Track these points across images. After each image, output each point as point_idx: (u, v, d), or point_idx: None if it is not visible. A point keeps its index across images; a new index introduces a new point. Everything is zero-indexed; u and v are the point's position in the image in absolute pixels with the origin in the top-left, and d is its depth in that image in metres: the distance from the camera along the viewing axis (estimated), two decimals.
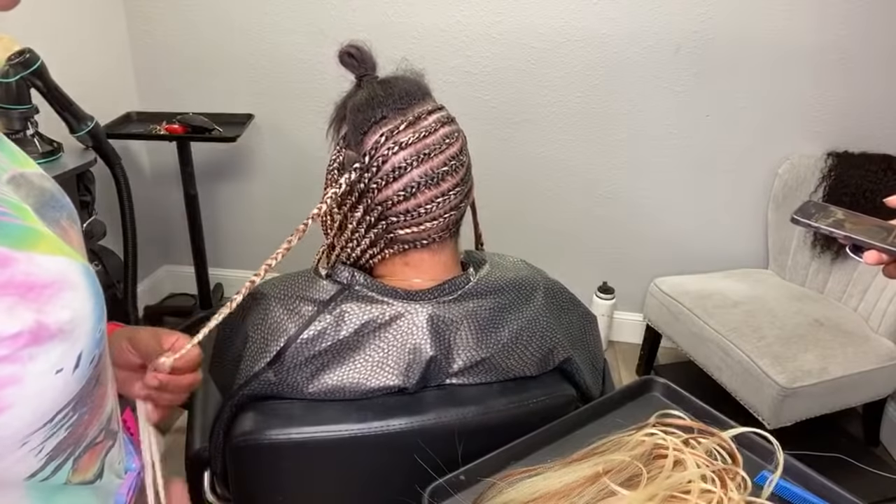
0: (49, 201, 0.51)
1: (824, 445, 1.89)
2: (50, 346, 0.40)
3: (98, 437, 0.51)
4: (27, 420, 0.41)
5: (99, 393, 0.49)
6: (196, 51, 2.27)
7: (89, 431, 0.49)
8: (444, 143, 0.72)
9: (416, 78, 0.77)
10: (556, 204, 2.30)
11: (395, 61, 0.79)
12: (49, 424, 0.43)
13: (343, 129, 0.77)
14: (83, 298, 0.43)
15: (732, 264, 2.22)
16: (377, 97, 0.73)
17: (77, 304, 0.42)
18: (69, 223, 0.52)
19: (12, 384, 0.38)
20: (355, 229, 0.76)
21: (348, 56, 0.76)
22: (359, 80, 0.77)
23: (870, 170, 1.95)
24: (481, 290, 0.77)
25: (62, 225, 0.51)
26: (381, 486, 0.75)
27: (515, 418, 0.74)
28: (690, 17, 1.99)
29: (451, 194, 0.73)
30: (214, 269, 2.49)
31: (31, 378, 0.39)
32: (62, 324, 0.41)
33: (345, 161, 0.75)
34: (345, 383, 0.71)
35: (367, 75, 0.77)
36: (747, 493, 0.58)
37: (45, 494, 0.48)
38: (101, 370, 0.48)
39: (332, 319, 0.72)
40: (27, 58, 1.54)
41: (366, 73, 0.77)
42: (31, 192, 0.49)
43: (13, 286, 0.38)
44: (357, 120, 0.73)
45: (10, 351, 0.38)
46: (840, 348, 1.74)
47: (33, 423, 0.41)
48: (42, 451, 0.44)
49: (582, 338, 0.86)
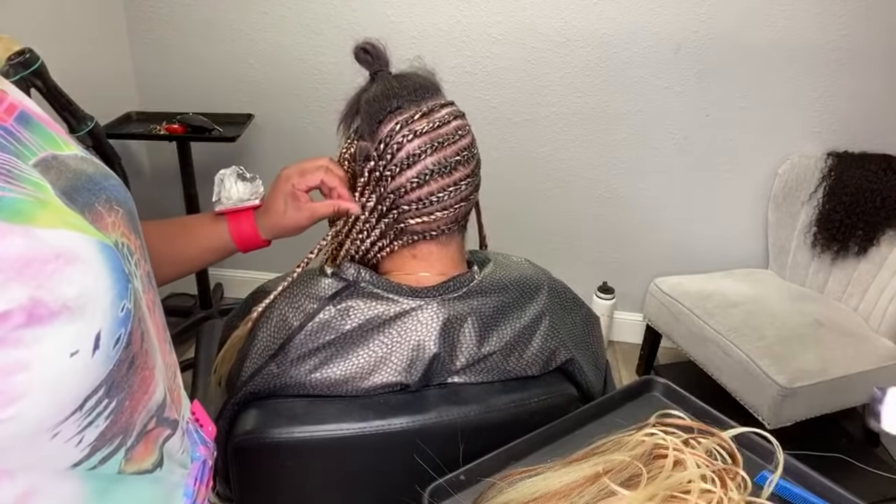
0: (85, 184, 0.48)
1: (824, 445, 1.88)
2: (56, 325, 0.37)
3: (149, 424, 0.49)
4: (49, 409, 0.38)
5: (139, 378, 0.46)
6: (196, 51, 2.27)
7: (136, 419, 0.47)
8: (457, 135, 0.74)
9: (428, 75, 0.79)
10: (556, 204, 2.30)
11: (397, 61, 0.80)
12: (79, 413, 0.40)
13: (355, 123, 0.79)
14: (96, 273, 0.40)
15: (732, 264, 2.22)
16: (392, 89, 0.74)
17: (88, 280, 0.39)
18: (107, 206, 0.49)
19: (20, 371, 0.36)
20: (367, 219, 0.77)
21: (363, 52, 0.78)
22: (373, 75, 0.79)
23: (870, 170, 1.95)
24: (486, 288, 0.77)
25: (96, 209, 0.48)
26: (383, 485, 0.75)
27: (517, 417, 0.74)
28: (690, 17, 1.99)
29: (461, 184, 0.75)
30: (214, 269, 2.49)
31: (42, 363, 0.37)
32: (67, 300, 0.38)
33: (356, 152, 0.77)
34: (347, 378, 0.72)
35: (381, 71, 0.78)
36: (747, 493, 0.58)
37: (101, 485, 0.46)
38: (137, 353, 0.45)
39: (337, 313, 0.73)
40: (27, 58, 1.54)
41: (380, 68, 0.78)
42: (62, 174, 0.47)
43: (5, 262, 0.36)
44: (372, 110, 0.75)
45: (3, 333, 0.35)
46: (840, 348, 1.74)
47: (58, 412, 0.39)
48: (82, 442, 0.42)
49: (585, 338, 0.86)
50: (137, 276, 0.51)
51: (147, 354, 0.48)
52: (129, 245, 0.51)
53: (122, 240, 0.50)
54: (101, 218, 0.48)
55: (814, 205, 2.04)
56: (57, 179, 0.45)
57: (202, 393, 0.92)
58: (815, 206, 2.04)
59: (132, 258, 0.51)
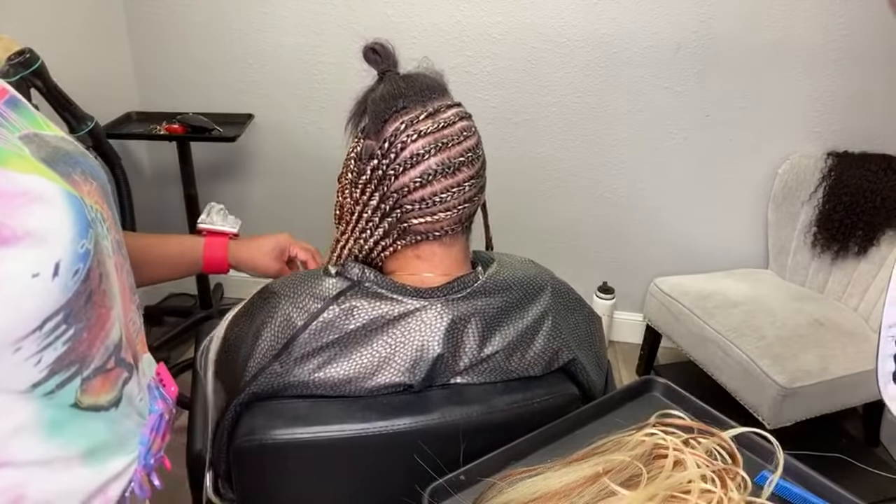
0: (63, 158, 0.52)
1: (824, 445, 1.88)
2: (19, 248, 0.42)
3: (108, 363, 0.54)
4: (11, 323, 0.43)
5: (97, 314, 0.51)
6: (196, 51, 2.27)
7: (93, 352, 0.52)
8: (462, 136, 0.74)
9: (436, 76, 0.79)
10: (556, 204, 2.30)
11: (399, 61, 0.80)
12: (39, 332, 0.45)
13: (363, 122, 0.79)
14: (59, 214, 0.45)
15: (732, 264, 2.22)
16: (399, 89, 0.75)
17: (51, 216, 0.45)
18: (83, 177, 0.54)
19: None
20: (370, 218, 0.77)
21: (372, 52, 0.78)
22: (381, 75, 0.79)
23: (870, 170, 1.95)
24: (490, 289, 0.77)
25: (73, 178, 0.52)
26: (386, 486, 0.75)
27: (519, 418, 0.74)
28: (690, 17, 1.99)
29: (465, 185, 0.75)
30: None
31: (6, 280, 0.42)
32: (29, 229, 0.43)
33: (362, 151, 0.77)
34: (350, 378, 0.72)
35: (390, 71, 0.78)
36: (747, 493, 0.58)
37: (58, 416, 0.50)
38: (95, 290, 0.50)
39: (341, 312, 0.73)
40: (27, 58, 1.54)
41: (388, 68, 0.78)
42: (42, 147, 0.51)
43: None
44: (378, 109, 0.75)
45: None
46: (840, 348, 1.74)
47: (18, 326, 0.44)
48: (41, 363, 0.47)
49: (588, 338, 0.86)
50: (108, 238, 0.56)
51: (105, 295, 0.53)
52: (101, 213, 0.56)
53: (97, 207, 0.55)
54: (78, 186, 0.52)
55: (814, 205, 2.04)
56: (38, 150, 0.50)
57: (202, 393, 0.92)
58: (815, 206, 2.04)
59: (104, 224, 0.56)
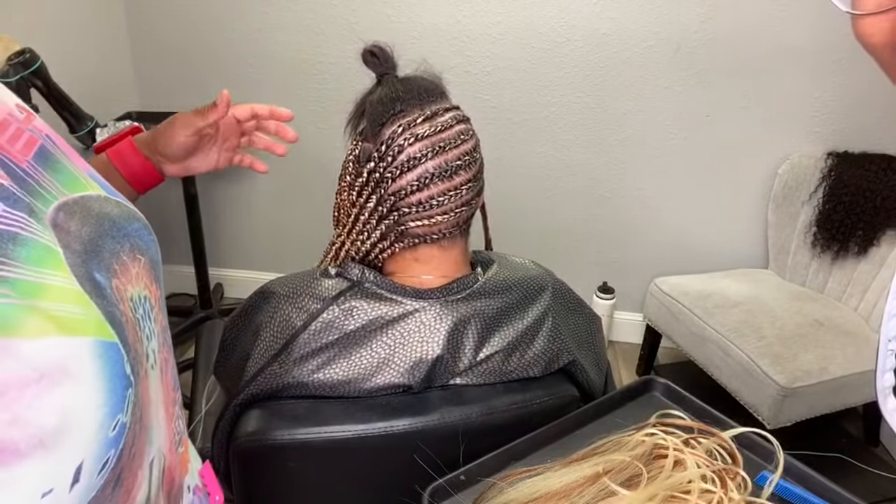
0: (109, 231, 0.42)
1: (824, 445, 1.89)
2: (23, 467, 0.31)
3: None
4: None
5: (123, 490, 0.39)
6: (196, 51, 2.27)
7: None
8: (459, 139, 0.74)
9: (435, 79, 0.79)
10: (556, 204, 2.30)
11: (398, 62, 0.80)
12: None
13: (361, 125, 0.79)
14: (86, 390, 0.34)
15: (732, 264, 2.22)
16: (397, 92, 0.75)
17: (75, 398, 0.33)
18: (131, 256, 0.44)
19: None
20: (367, 220, 0.77)
21: (371, 55, 0.78)
22: (379, 78, 0.79)
23: (870, 170, 1.95)
24: (490, 290, 0.77)
25: (122, 259, 0.43)
26: (386, 486, 0.75)
27: (519, 419, 0.74)
28: (690, 17, 1.99)
29: (463, 189, 0.75)
30: (214, 269, 2.48)
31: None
32: (42, 437, 0.31)
33: (360, 153, 0.77)
34: (349, 378, 0.72)
35: (388, 74, 0.78)
36: (747, 493, 0.58)
37: None
38: (126, 466, 0.38)
39: (341, 313, 0.73)
40: (27, 58, 1.54)
41: (387, 71, 0.78)
42: (86, 221, 0.41)
43: None
44: (376, 112, 0.75)
45: None
46: (840, 348, 1.74)
47: None
48: None
49: (588, 340, 0.86)
50: (155, 332, 0.46)
51: (138, 455, 0.40)
52: (149, 298, 0.46)
53: (144, 293, 0.45)
54: (127, 270, 0.43)
55: (814, 205, 2.04)
56: (80, 228, 0.40)
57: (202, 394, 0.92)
58: (815, 206, 2.04)
59: (151, 314, 0.46)
